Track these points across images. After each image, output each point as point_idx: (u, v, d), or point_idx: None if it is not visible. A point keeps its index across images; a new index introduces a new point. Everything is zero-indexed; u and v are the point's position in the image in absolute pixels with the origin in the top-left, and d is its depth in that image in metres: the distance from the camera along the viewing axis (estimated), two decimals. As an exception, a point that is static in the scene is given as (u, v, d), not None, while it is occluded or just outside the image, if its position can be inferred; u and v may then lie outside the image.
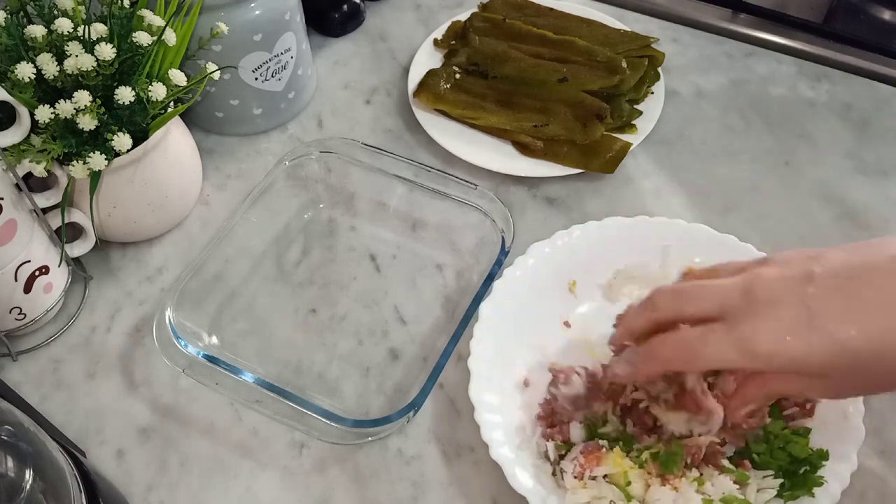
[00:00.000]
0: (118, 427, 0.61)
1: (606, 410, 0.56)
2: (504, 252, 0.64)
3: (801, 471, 0.52)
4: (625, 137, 0.73)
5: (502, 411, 0.57)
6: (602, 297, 0.64)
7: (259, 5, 0.69)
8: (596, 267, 0.64)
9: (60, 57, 0.58)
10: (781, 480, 0.52)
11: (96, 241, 0.66)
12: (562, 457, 0.54)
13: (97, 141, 0.60)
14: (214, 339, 0.64)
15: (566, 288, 0.64)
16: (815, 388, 0.45)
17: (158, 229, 0.70)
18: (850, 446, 0.53)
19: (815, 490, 0.51)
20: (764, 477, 0.52)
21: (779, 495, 0.52)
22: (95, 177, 0.61)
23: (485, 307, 0.60)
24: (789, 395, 0.49)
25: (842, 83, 0.80)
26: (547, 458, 0.55)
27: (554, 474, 0.54)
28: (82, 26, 0.59)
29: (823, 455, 0.52)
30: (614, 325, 0.53)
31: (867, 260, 0.43)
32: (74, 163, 0.59)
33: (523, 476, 0.53)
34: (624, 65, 0.75)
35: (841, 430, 0.54)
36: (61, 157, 0.60)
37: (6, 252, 0.59)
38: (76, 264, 0.68)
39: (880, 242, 0.44)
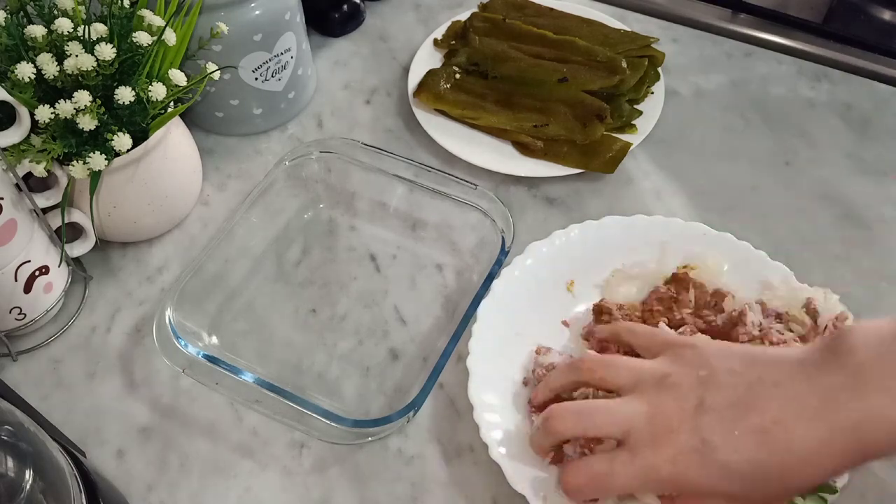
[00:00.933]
0: (118, 427, 0.61)
1: (588, 398, 0.56)
2: (504, 252, 0.64)
3: None
4: (625, 137, 0.73)
5: (501, 411, 0.57)
6: (600, 297, 0.64)
7: (259, 5, 0.69)
8: (594, 267, 0.64)
9: (60, 57, 0.58)
10: None
11: (96, 241, 0.66)
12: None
13: (97, 141, 0.60)
14: (214, 339, 0.64)
15: (564, 288, 0.64)
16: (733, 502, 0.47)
17: (158, 229, 0.70)
18: None
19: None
20: None
21: None
22: (95, 177, 0.61)
23: (483, 307, 0.60)
24: None
25: (842, 83, 0.80)
26: None
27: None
28: (82, 26, 0.59)
29: None
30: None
31: (748, 398, 0.46)
32: (74, 163, 0.59)
33: (523, 475, 0.53)
34: (624, 65, 0.75)
35: None
36: (61, 157, 0.60)
37: (6, 252, 0.59)
38: (76, 264, 0.68)
39: (768, 372, 0.47)
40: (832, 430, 0.44)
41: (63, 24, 0.58)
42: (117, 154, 0.60)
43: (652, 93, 0.77)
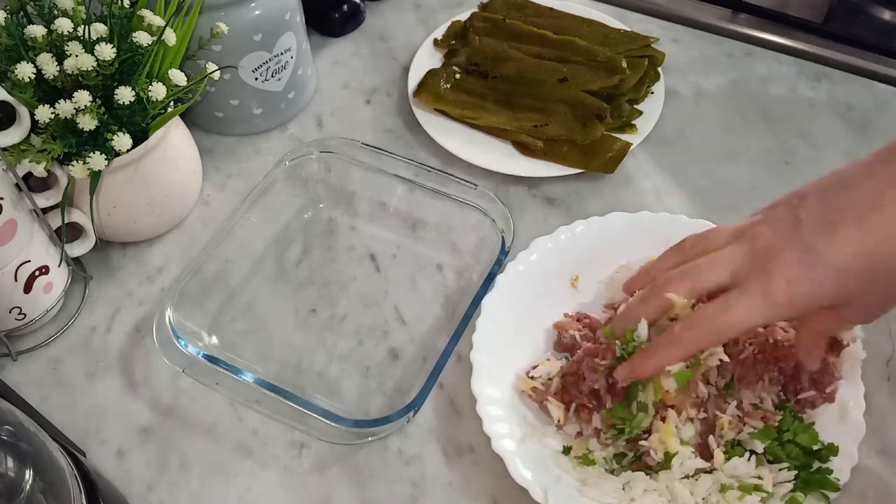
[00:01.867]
0: (118, 427, 0.61)
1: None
2: (504, 252, 0.64)
3: (815, 468, 0.53)
4: (625, 137, 0.73)
5: (504, 404, 0.57)
6: (605, 293, 0.64)
7: (259, 5, 0.69)
8: (598, 262, 0.64)
9: (60, 57, 0.58)
10: (796, 472, 0.53)
11: (96, 241, 0.66)
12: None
13: (97, 141, 0.60)
14: (214, 339, 0.64)
15: (569, 283, 0.64)
16: (846, 317, 0.50)
17: (158, 229, 0.70)
18: (851, 441, 0.53)
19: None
20: (780, 470, 0.53)
21: (794, 489, 0.53)
22: (95, 177, 0.61)
23: (488, 301, 0.61)
24: (830, 330, 0.52)
25: (842, 83, 0.80)
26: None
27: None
28: (82, 26, 0.59)
29: (833, 450, 0.53)
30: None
31: (840, 200, 0.47)
32: (74, 163, 0.59)
33: (525, 468, 0.53)
34: (624, 65, 0.75)
35: (842, 425, 0.54)
36: (61, 157, 0.60)
37: (6, 252, 0.59)
38: (76, 264, 0.68)
39: (851, 176, 0.48)
40: None
41: (63, 24, 0.58)
42: (117, 154, 0.60)
43: (652, 93, 0.77)
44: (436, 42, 0.83)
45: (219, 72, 0.65)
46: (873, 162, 0.48)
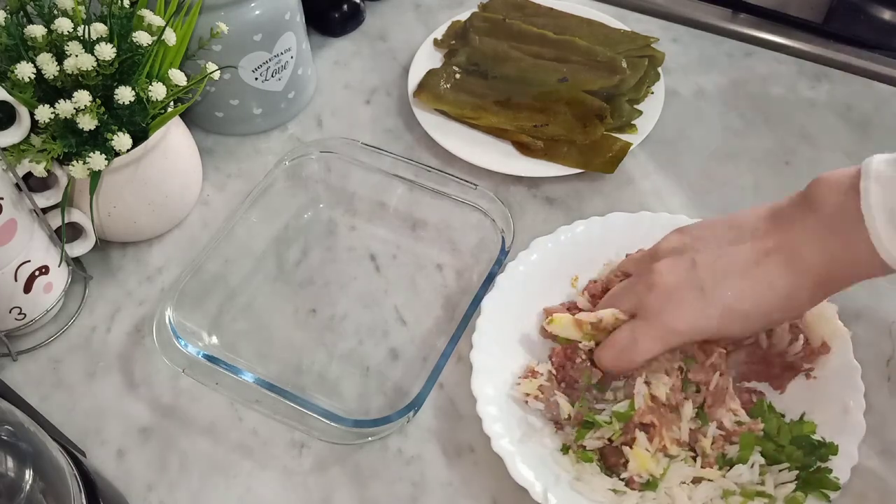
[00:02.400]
0: (118, 427, 0.61)
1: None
2: (504, 252, 0.64)
3: (815, 467, 0.53)
4: (625, 137, 0.73)
5: (504, 404, 0.57)
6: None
7: (259, 5, 0.69)
8: (598, 262, 0.64)
9: (60, 57, 0.58)
10: (797, 472, 0.53)
11: (96, 241, 0.67)
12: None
13: (97, 141, 0.60)
14: (214, 339, 0.64)
15: (568, 283, 0.64)
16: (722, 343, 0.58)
17: (158, 229, 0.71)
18: (851, 441, 0.53)
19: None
20: (780, 471, 0.53)
21: (795, 490, 0.53)
22: (95, 177, 0.61)
23: (487, 301, 0.61)
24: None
25: (842, 83, 0.80)
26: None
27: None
28: (82, 26, 0.59)
29: (833, 449, 0.53)
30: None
31: (731, 252, 0.54)
32: (74, 163, 0.59)
33: (525, 468, 0.53)
34: (624, 65, 0.75)
35: (842, 425, 0.54)
36: (61, 157, 0.60)
37: (6, 252, 0.59)
38: (76, 264, 0.68)
39: (746, 230, 0.54)
40: (803, 273, 0.51)
41: (63, 24, 0.58)
42: (117, 154, 0.60)
43: (652, 93, 0.77)
44: (436, 42, 0.83)
45: (219, 72, 0.65)
46: (767, 220, 0.53)
